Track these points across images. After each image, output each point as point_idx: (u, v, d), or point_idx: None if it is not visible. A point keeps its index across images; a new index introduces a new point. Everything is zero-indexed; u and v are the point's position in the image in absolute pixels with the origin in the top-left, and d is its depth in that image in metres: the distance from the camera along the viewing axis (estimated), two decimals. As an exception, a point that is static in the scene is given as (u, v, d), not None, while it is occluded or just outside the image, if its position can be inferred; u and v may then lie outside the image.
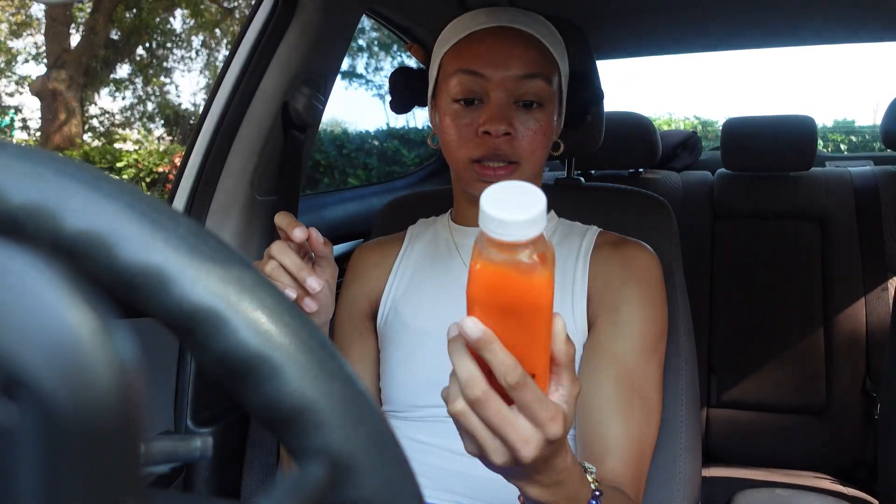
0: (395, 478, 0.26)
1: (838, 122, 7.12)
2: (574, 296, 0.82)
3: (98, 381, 0.19)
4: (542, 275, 0.41)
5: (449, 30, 0.86)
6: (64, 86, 6.41)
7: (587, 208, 1.06)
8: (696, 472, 0.87)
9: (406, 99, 0.93)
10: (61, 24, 6.45)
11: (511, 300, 0.42)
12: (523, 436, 0.45)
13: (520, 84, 0.80)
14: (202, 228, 0.25)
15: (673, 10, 1.63)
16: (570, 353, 0.47)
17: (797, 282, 1.82)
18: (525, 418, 0.45)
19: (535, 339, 0.44)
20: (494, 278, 0.41)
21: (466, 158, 0.81)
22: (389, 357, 0.85)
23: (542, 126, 0.81)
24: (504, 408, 0.45)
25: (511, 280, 0.41)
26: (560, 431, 0.45)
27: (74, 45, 6.64)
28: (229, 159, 1.09)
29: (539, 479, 0.51)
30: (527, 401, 0.44)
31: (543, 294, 0.42)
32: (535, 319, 0.43)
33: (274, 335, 0.24)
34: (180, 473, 1.00)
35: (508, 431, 0.45)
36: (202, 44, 7.23)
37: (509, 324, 0.43)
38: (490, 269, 0.41)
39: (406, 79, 0.93)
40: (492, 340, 0.43)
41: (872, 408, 1.70)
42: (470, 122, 0.80)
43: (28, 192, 0.23)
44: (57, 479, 0.18)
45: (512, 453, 0.46)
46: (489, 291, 0.42)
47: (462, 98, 0.81)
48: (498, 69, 0.79)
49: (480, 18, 0.83)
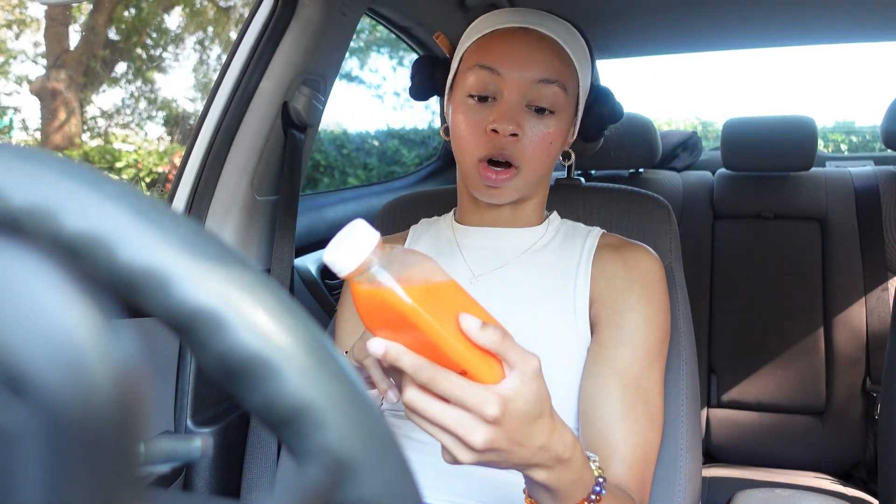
0: (395, 478, 0.26)
1: (839, 123, 7.12)
2: (576, 297, 0.82)
3: (98, 380, 0.19)
4: (385, 290, 0.47)
5: (475, 25, 0.86)
6: (64, 86, 6.42)
7: (587, 208, 1.06)
8: (696, 473, 0.87)
9: (426, 87, 0.94)
10: (61, 24, 6.46)
11: (385, 316, 0.48)
12: (462, 424, 0.48)
13: (534, 88, 0.79)
14: (202, 228, 0.25)
15: (673, 10, 1.63)
16: (494, 338, 0.49)
17: (797, 282, 1.82)
18: (458, 408, 0.48)
19: (438, 340, 0.48)
20: (360, 304, 0.48)
21: (473, 157, 0.81)
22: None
23: (552, 133, 0.81)
24: (436, 404, 0.49)
25: (370, 300, 0.47)
26: (496, 410, 0.48)
27: (74, 45, 6.65)
28: (229, 159, 1.09)
29: (538, 461, 0.53)
30: (450, 393, 0.48)
31: (401, 303, 0.46)
32: (418, 325, 0.47)
33: (274, 335, 0.24)
34: (180, 473, 1.00)
35: (447, 423, 0.48)
36: (198, 42, 7.24)
37: (405, 335, 0.48)
38: (357, 297, 0.48)
39: (428, 67, 0.93)
40: (399, 352, 0.48)
41: (872, 408, 1.70)
42: (480, 119, 0.80)
43: (29, 193, 0.23)
44: (57, 478, 0.18)
45: (463, 443, 0.49)
46: (366, 314, 0.49)
47: (476, 94, 0.81)
48: (515, 69, 0.79)
49: (507, 17, 0.83)
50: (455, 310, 0.49)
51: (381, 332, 0.49)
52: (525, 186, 0.83)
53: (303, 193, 1.24)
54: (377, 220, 1.12)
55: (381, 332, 0.49)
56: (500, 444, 0.49)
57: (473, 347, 0.49)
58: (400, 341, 0.48)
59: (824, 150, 4.73)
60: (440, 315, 0.48)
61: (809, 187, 1.87)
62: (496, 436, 0.49)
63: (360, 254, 0.46)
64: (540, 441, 0.52)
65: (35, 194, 0.23)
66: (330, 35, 1.13)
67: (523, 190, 0.83)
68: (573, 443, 0.55)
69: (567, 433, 0.54)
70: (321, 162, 6.68)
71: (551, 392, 0.78)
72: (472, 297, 0.52)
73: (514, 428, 0.50)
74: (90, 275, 0.23)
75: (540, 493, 0.57)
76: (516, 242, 0.88)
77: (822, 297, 1.79)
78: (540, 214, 0.91)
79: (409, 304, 0.47)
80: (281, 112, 1.11)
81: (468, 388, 0.48)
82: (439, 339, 0.48)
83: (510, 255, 0.87)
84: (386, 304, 0.47)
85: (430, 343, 0.48)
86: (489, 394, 0.48)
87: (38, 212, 0.23)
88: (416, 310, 0.47)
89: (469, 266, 0.87)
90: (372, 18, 1.47)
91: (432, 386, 0.48)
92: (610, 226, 1.01)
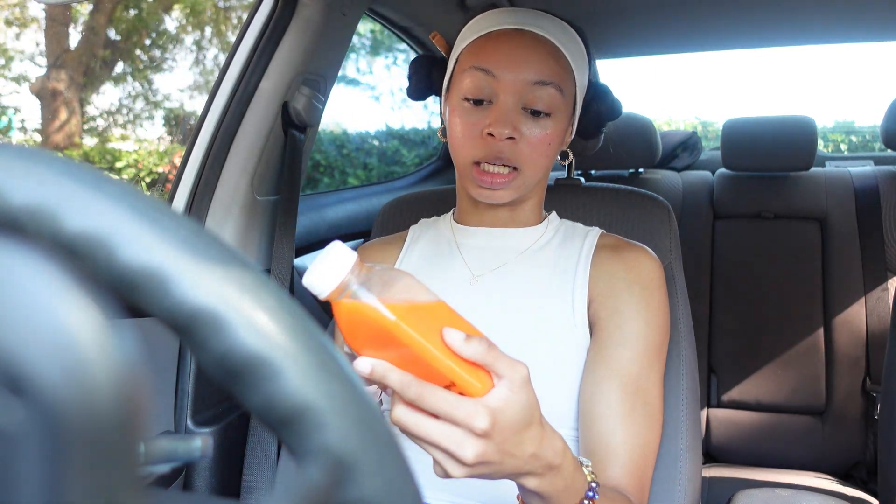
0: (395, 478, 0.26)
1: (839, 123, 7.11)
2: (575, 298, 0.82)
3: (99, 380, 0.19)
4: (366, 307, 0.47)
5: (470, 26, 0.86)
6: (64, 86, 6.42)
7: (587, 208, 1.06)
8: (696, 473, 0.87)
9: (424, 87, 0.94)
10: (61, 24, 6.46)
11: (368, 333, 0.48)
12: (453, 439, 0.48)
13: (530, 90, 0.79)
14: (202, 228, 0.25)
15: (673, 9, 1.63)
16: (479, 349, 0.49)
17: (797, 282, 1.82)
18: (447, 423, 0.48)
19: (423, 354, 0.48)
20: (342, 323, 0.48)
21: (468, 158, 0.81)
22: (389, 357, 0.86)
23: (549, 135, 0.81)
24: (425, 421, 0.48)
25: (351, 319, 0.48)
26: (485, 424, 0.48)
27: (74, 45, 6.64)
28: (229, 159, 1.09)
29: (529, 469, 0.52)
30: (439, 409, 0.48)
31: (383, 319, 0.47)
32: (401, 340, 0.47)
33: (274, 335, 0.24)
34: (180, 473, 1.00)
35: (437, 439, 0.48)
36: (196, 42, 7.23)
37: (390, 352, 0.48)
38: (339, 317, 0.48)
39: (425, 67, 0.93)
40: (385, 369, 0.48)
41: (872, 408, 1.70)
42: (476, 122, 0.80)
43: (29, 193, 0.23)
44: (57, 478, 0.18)
45: (454, 458, 0.49)
46: (349, 334, 0.49)
47: (471, 97, 0.81)
48: (510, 71, 0.79)
49: (503, 18, 0.83)
50: (439, 323, 0.49)
51: (366, 352, 0.49)
52: (525, 187, 0.83)
53: (303, 193, 1.24)
54: (377, 220, 1.12)
55: (365, 350, 0.49)
56: (491, 456, 0.49)
57: (459, 360, 0.49)
58: (385, 359, 0.48)
59: (824, 150, 4.73)
60: (424, 329, 0.48)
61: (809, 187, 1.87)
62: (486, 449, 0.49)
63: (338, 274, 0.47)
64: (530, 450, 0.51)
65: (35, 194, 0.23)
66: (330, 35, 1.13)
67: (522, 190, 0.83)
68: (563, 449, 0.55)
69: (557, 439, 0.54)
70: (321, 162, 6.68)
71: (551, 393, 0.78)
72: (456, 311, 0.52)
73: (505, 439, 0.49)
74: (90, 275, 0.23)
75: (533, 499, 0.57)
76: (515, 242, 0.88)
77: (822, 297, 1.79)
78: (538, 214, 0.91)
79: (392, 319, 0.47)
80: (281, 112, 1.11)
81: (456, 403, 0.48)
82: (424, 352, 0.48)
83: (509, 256, 0.87)
84: (368, 320, 0.47)
85: (415, 358, 0.48)
86: (478, 407, 0.48)
87: (38, 211, 0.23)
88: (398, 325, 0.47)
89: (468, 266, 0.87)
90: (372, 18, 1.47)
91: (420, 402, 0.48)
92: (610, 226, 1.01)
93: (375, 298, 0.47)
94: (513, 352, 0.80)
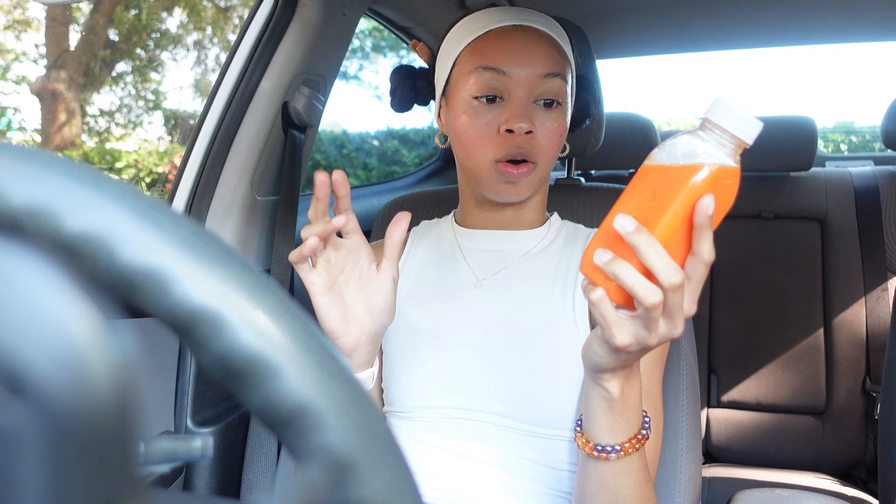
0: (395, 478, 0.26)
1: (839, 123, 7.12)
2: (576, 299, 0.82)
3: (98, 380, 0.19)
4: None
5: (464, 27, 0.85)
6: (64, 86, 6.42)
7: (587, 208, 1.06)
8: (696, 473, 0.87)
9: (408, 98, 0.93)
10: (61, 24, 6.46)
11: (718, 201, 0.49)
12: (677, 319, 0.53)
13: (541, 83, 0.80)
14: (202, 228, 0.25)
15: (673, 9, 1.63)
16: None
17: (797, 282, 1.82)
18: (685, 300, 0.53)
19: (689, 242, 0.51)
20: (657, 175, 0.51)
21: (489, 159, 0.81)
22: (391, 358, 0.85)
23: (560, 125, 0.82)
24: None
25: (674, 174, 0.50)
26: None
27: (74, 45, 6.64)
28: (229, 159, 1.09)
29: (635, 366, 0.60)
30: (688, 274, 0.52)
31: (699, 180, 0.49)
32: (684, 201, 0.49)
33: (274, 335, 0.24)
34: (180, 473, 1.00)
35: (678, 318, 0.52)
36: (196, 43, 7.23)
37: (684, 228, 0.50)
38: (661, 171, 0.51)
39: (407, 77, 0.93)
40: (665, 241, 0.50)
41: (872, 408, 1.70)
42: (490, 121, 0.80)
43: (29, 193, 0.23)
44: (57, 478, 0.18)
45: (670, 331, 0.53)
46: (701, 188, 0.49)
47: (483, 95, 0.80)
48: (521, 67, 0.79)
49: (500, 16, 0.83)
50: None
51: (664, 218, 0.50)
52: (540, 180, 0.84)
53: (303, 193, 1.24)
54: (377, 220, 1.12)
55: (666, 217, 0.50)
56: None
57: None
58: (669, 228, 0.50)
59: (824, 150, 4.73)
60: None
61: (809, 187, 1.87)
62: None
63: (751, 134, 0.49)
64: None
65: (35, 194, 0.23)
66: (330, 35, 1.13)
67: (536, 185, 0.84)
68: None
69: None
70: (321, 162, 6.69)
71: (554, 394, 0.78)
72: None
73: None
74: (90, 275, 0.23)
75: (599, 419, 0.61)
76: (518, 245, 0.88)
77: (822, 297, 1.79)
78: (541, 215, 0.91)
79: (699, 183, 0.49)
80: (281, 112, 1.11)
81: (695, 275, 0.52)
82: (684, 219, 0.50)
83: (512, 258, 0.87)
84: (730, 192, 0.49)
85: (683, 244, 0.50)
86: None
87: (38, 212, 0.23)
88: (696, 190, 0.49)
89: (472, 270, 0.87)
90: (372, 18, 1.46)
91: (674, 291, 0.50)
92: (610, 226, 1.01)
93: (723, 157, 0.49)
94: (515, 354, 0.81)
